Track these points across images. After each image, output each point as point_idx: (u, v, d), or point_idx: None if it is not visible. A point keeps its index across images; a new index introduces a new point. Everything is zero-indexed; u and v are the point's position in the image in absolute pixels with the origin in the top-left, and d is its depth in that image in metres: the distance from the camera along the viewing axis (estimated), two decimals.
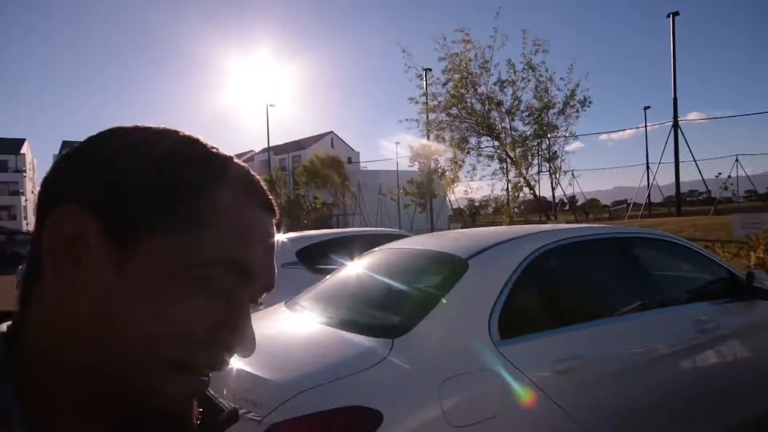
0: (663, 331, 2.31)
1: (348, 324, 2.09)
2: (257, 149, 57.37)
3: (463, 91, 10.99)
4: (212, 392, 0.46)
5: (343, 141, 61.61)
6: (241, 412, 1.62)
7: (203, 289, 0.38)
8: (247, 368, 1.75)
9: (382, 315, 2.14)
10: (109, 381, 0.37)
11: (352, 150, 61.01)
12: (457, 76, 10.82)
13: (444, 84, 11.08)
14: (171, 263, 0.37)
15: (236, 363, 1.78)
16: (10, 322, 0.41)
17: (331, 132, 61.23)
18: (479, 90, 10.99)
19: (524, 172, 10.94)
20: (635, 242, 2.64)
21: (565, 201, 32.53)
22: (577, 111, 11.74)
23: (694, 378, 2.29)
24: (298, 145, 58.55)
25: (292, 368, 1.79)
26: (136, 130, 0.41)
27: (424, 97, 11.21)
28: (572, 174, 26.55)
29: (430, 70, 14.22)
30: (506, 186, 12.17)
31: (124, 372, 0.37)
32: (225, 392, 1.84)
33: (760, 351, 2.62)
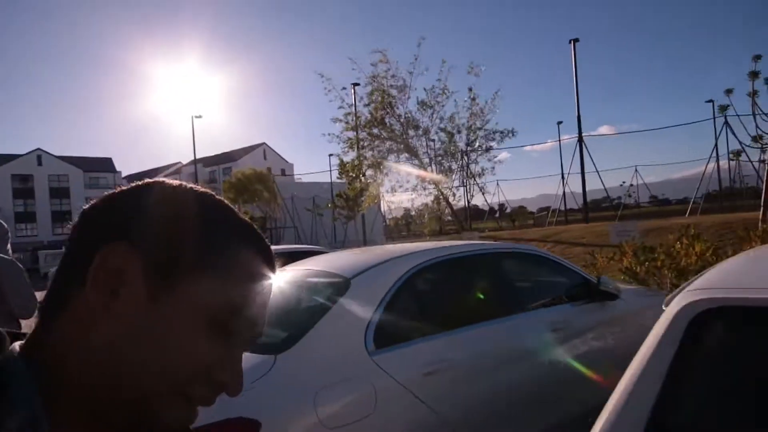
0: (520, 333, 2.72)
1: None
2: (185, 161, 55.19)
3: (382, 112, 11.53)
4: None
5: (276, 153, 60.77)
6: None
7: (215, 332, 0.43)
8: None
9: (270, 333, 2.34)
10: (122, 401, 0.41)
11: (286, 162, 60.33)
12: (378, 98, 11.34)
13: (366, 105, 11.57)
14: (194, 305, 0.42)
15: None
16: (22, 342, 0.44)
17: (264, 143, 60.21)
18: (397, 111, 11.64)
19: (441, 187, 11.66)
20: (504, 257, 3.06)
21: (495, 209, 34.31)
22: (498, 140, 12.71)
23: (546, 370, 2.71)
24: (230, 156, 56.94)
25: None
26: (181, 188, 0.47)
27: (347, 117, 11.67)
28: (497, 184, 28.19)
29: (358, 84, 14.69)
30: (429, 199, 12.89)
31: (136, 394, 0.41)
32: None
33: (603, 342, 3.13)
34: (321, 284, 2.58)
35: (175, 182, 0.47)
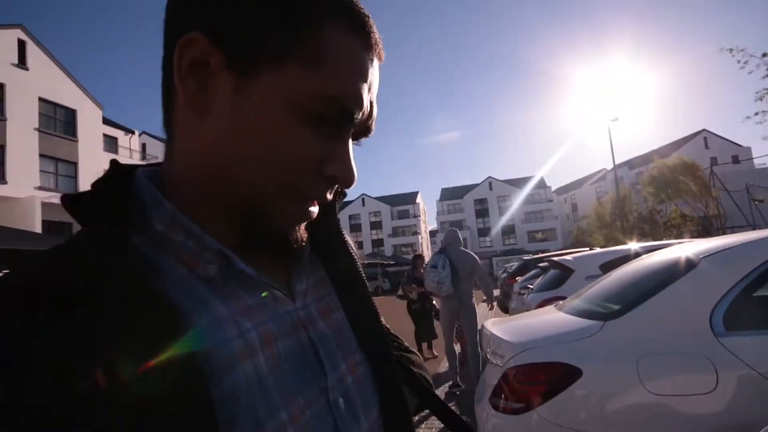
0: None
1: (581, 312, 2.61)
2: (610, 166, 54.05)
3: None
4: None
5: (723, 138, 49.94)
6: (492, 362, 2.49)
7: (311, 123, 0.40)
8: (499, 334, 2.59)
9: (607, 304, 2.52)
10: (235, 198, 0.41)
11: (740, 146, 48.55)
12: None
13: None
14: (285, 96, 0.39)
15: (493, 331, 2.66)
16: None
17: (704, 130, 50.80)
18: None
19: None
20: None
21: None
22: None
23: None
24: (660, 153, 51.55)
25: (525, 336, 2.51)
26: None
27: None
28: None
29: None
30: None
31: (246, 192, 0.41)
32: (484, 349, 2.75)
33: None
34: (665, 264, 2.51)
35: None
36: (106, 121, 24.72)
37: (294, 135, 0.40)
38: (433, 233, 70.19)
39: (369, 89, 0.43)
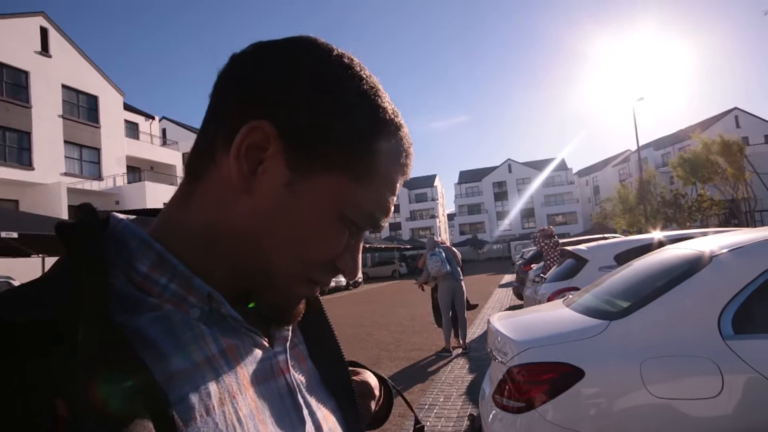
0: None
1: (587, 309, 2.57)
2: (635, 147, 52.20)
3: None
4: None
5: (756, 116, 47.82)
6: (497, 360, 2.48)
7: (345, 227, 0.43)
8: (504, 331, 2.58)
9: (614, 303, 2.48)
10: (251, 270, 0.43)
11: None
12: None
13: None
14: (332, 201, 0.42)
15: (498, 327, 2.65)
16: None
17: (735, 108, 48.67)
18: None
19: None
20: None
21: None
22: None
23: None
24: (686, 133, 49.73)
25: (529, 333, 2.49)
26: (334, 60, 0.43)
27: None
28: None
29: None
30: None
31: (265, 269, 0.43)
32: (489, 346, 2.74)
33: None
34: (678, 260, 2.44)
35: (326, 48, 0.43)
36: (127, 107, 25.04)
37: (329, 236, 0.43)
38: (451, 216, 69.71)
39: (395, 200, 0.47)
